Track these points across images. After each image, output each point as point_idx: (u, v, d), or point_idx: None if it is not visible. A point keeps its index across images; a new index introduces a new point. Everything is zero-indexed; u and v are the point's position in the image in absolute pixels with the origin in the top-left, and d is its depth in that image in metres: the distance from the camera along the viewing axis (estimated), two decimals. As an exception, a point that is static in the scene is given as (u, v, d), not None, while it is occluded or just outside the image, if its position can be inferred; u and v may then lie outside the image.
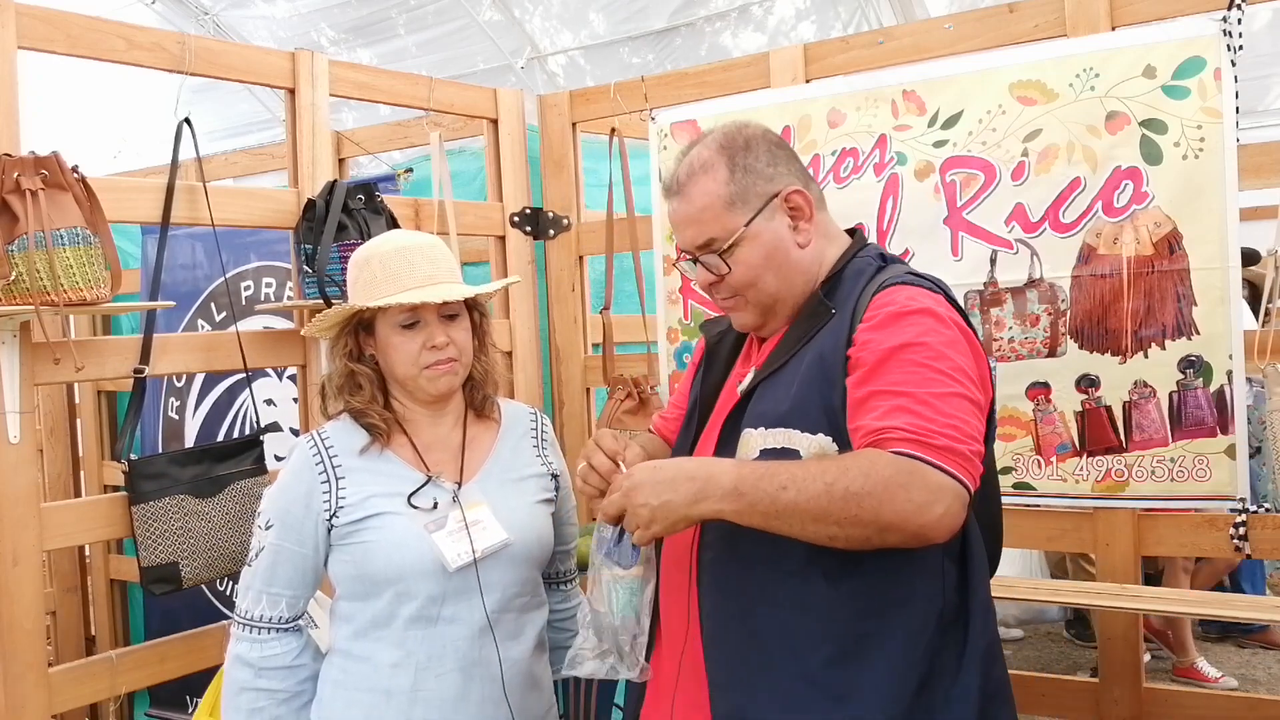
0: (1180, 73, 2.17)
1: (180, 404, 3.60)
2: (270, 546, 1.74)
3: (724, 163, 1.52)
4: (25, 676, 2.16)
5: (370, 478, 1.76)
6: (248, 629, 1.75)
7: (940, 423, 1.29)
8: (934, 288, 1.47)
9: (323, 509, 1.74)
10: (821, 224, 1.58)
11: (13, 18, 2.15)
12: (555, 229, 3.15)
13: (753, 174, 1.52)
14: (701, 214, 1.52)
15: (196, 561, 2.36)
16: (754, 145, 1.54)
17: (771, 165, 1.53)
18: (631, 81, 2.96)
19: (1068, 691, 2.50)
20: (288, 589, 1.75)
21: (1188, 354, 2.19)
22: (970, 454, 1.30)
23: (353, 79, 2.85)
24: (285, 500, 1.76)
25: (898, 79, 2.49)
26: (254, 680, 1.74)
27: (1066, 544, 2.47)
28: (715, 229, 1.52)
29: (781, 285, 1.53)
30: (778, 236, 1.52)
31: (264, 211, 2.61)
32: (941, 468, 1.26)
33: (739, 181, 1.51)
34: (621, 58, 6.69)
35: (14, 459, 2.15)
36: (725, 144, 1.54)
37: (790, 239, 1.53)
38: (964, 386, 1.34)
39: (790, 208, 1.53)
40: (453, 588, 1.72)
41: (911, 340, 1.36)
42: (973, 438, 1.31)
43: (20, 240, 2.04)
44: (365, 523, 1.73)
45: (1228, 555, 2.22)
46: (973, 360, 1.40)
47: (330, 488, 1.74)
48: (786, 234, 1.53)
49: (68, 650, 3.83)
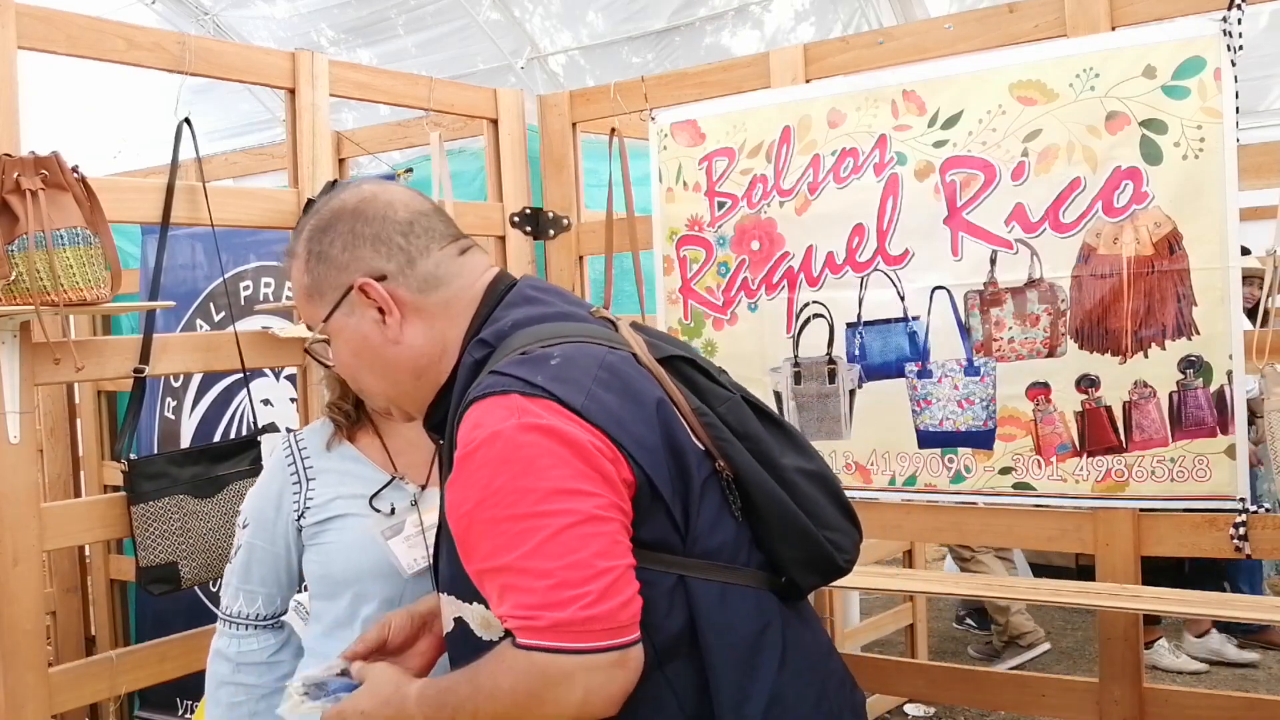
0: (1180, 73, 2.17)
1: (177, 404, 3.60)
2: (246, 545, 1.78)
3: (304, 248, 1.35)
4: (25, 676, 2.16)
5: (338, 479, 1.78)
6: (227, 624, 1.80)
7: (541, 592, 1.09)
8: (506, 386, 1.16)
9: (292, 509, 1.77)
10: (431, 307, 1.32)
11: (13, 18, 2.15)
12: (555, 229, 3.15)
13: (325, 262, 1.33)
14: (297, 299, 1.38)
15: (195, 561, 2.36)
16: (334, 228, 1.33)
17: (347, 251, 1.31)
18: (631, 81, 2.96)
19: (1068, 691, 2.50)
20: (262, 586, 1.78)
21: (1188, 354, 2.19)
22: (588, 607, 1.09)
23: (353, 79, 2.85)
24: (260, 500, 1.80)
25: (898, 79, 2.49)
26: (232, 675, 1.78)
27: (1066, 544, 2.47)
28: (308, 316, 1.37)
29: (388, 385, 1.36)
30: (361, 334, 1.32)
31: (264, 211, 2.61)
32: (560, 649, 1.09)
33: (313, 272, 1.34)
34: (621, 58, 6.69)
35: (14, 459, 2.15)
36: (315, 225, 1.35)
37: (380, 335, 1.31)
38: (561, 515, 1.10)
39: (370, 300, 1.30)
40: (410, 591, 1.74)
41: (482, 495, 1.13)
42: (590, 577, 1.09)
43: (20, 240, 2.04)
44: (329, 524, 1.75)
45: (1228, 555, 2.22)
46: (574, 455, 1.12)
47: (300, 488, 1.77)
48: (374, 330, 1.31)
49: (68, 650, 3.82)
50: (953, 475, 2.46)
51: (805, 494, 1.29)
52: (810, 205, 2.60)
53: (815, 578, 1.30)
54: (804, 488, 1.29)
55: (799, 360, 2.65)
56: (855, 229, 2.54)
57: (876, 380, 2.54)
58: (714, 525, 1.23)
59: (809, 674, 1.27)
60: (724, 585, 1.22)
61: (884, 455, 2.55)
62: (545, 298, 1.34)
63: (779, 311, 2.67)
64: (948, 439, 2.46)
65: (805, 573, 1.28)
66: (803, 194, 2.61)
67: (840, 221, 2.56)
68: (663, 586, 1.19)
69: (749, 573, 1.25)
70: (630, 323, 1.36)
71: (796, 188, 2.62)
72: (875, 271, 2.53)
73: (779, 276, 2.66)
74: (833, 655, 1.38)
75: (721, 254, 2.75)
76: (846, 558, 1.31)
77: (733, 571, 1.23)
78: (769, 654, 1.22)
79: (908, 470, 2.52)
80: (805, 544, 1.26)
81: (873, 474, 2.56)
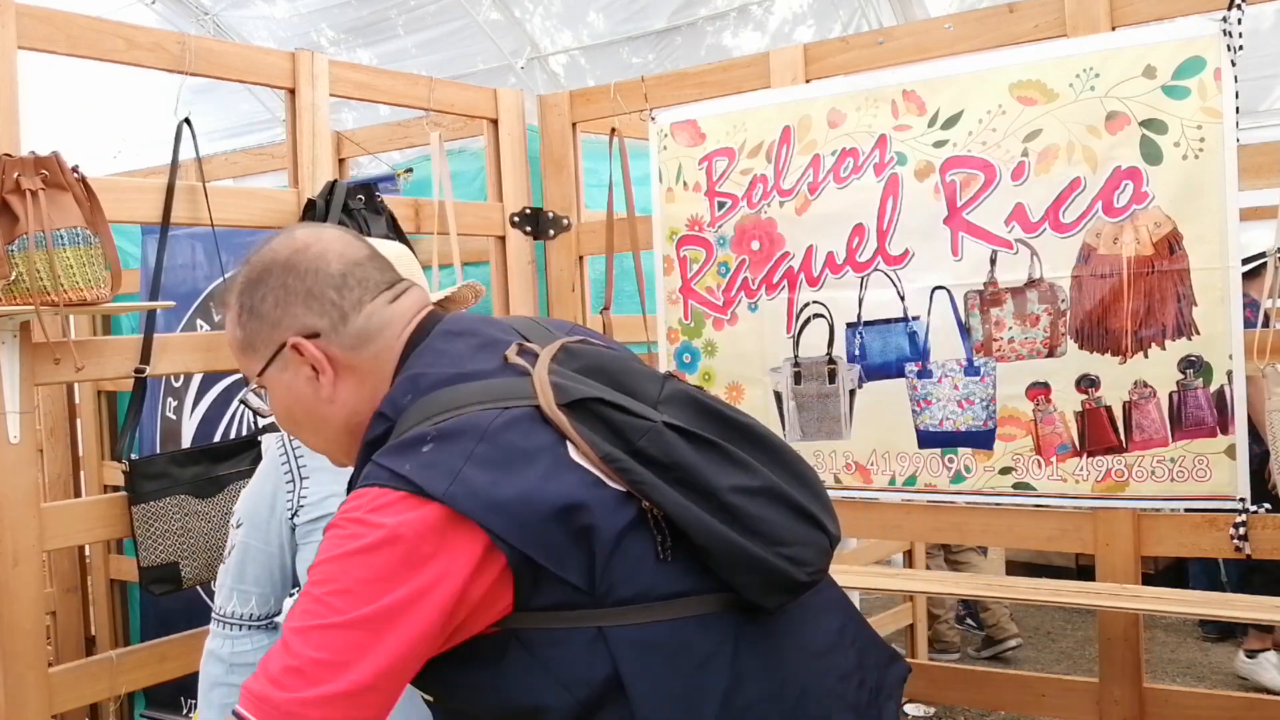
0: (1180, 73, 2.17)
1: (178, 404, 3.60)
2: (239, 545, 1.79)
3: (236, 303, 1.32)
4: (25, 676, 2.16)
5: (331, 477, 1.77)
6: (221, 624, 1.79)
7: (274, 670, 1.08)
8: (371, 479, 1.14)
9: (285, 508, 1.77)
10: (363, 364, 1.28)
11: (13, 18, 2.15)
12: (555, 229, 3.15)
13: (258, 318, 1.29)
14: (232, 352, 1.36)
15: (196, 561, 2.36)
16: (265, 282, 1.29)
17: (279, 308, 1.28)
18: (631, 81, 2.96)
19: (1068, 691, 2.50)
20: (256, 586, 1.79)
21: (1188, 354, 2.19)
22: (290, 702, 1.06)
23: (353, 79, 2.85)
24: (253, 500, 1.80)
25: (898, 79, 2.49)
26: (225, 675, 1.77)
27: (1066, 544, 2.48)
28: (243, 368, 1.35)
29: (322, 440, 1.33)
30: (295, 391, 1.29)
31: (264, 211, 2.61)
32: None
33: (246, 326, 1.31)
34: (621, 58, 6.68)
35: (14, 459, 2.15)
36: (246, 278, 1.31)
37: (313, 393, 1.28)
38: (349, 612, 1.08)
39: (303, 357, 1.27)
40: None
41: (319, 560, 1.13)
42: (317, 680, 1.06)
43: (20, 240, 2.04)
44: (322, 522, 1.74)
45: (1228, 555, 2.22)
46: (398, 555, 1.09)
47: (294, 487, 1.78)
48: (306, 388, 1.28)
49: (68, 650, 3.82)
50: (953, 475, 2.46)
51: (750, 514, 1.21)
52: (810, 205, 2.60)
53: (778, 597, 1.23)
54: (748, 508, 1.21)
55: (799, 360, 2.65)
56: (855, 229, 2.54)
57: (876, 380, 2.55)
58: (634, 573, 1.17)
59: (778, 691, 1.22)
60: (653, 625, 1.16)
61: (884, 455, 2.55)
62: (453, 347, 1.28)
63: (779, 311, 2.67)
64: (948, 439, 2.46)
65: (766, 595, 1.22)
66: (803, 194, 2.61)
67: (840, 221, 2.56)
68: (580, 641, 1.15)
69: (697, 600, 1.20)
70: (560, 347, 1.29)
71: (796, 188, 2.62)
72: (875, 271, 2.53)
73: (779, 276, 2.66)
74: (834, 652, 1.30)
75: (721, 254, 2.76)
76: (810, 570, 1.23)
77: (669, 606, 1.18)
78: (711, 689, 1.17)
79: (908, 470, 2.52)
80: (756, 569, 1.20)
81: (873, 474, 2.57)
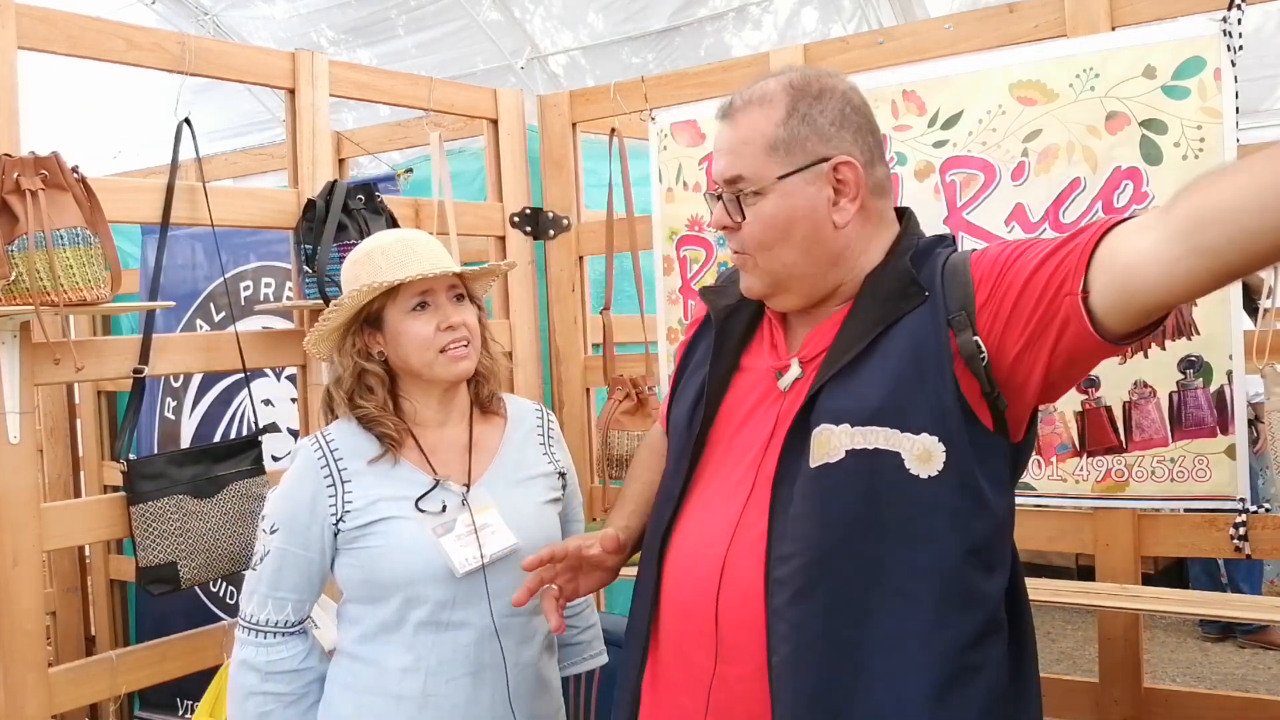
0: (1180, 73, 2.17)
1: (177, 404, 3.60)
2: (276, 550, 1.72)
3: (785, 103, 1.36)
4: (25, 677, 2.16)
5: (376, 480, 1.74)
6: (253, 633, 1.74)
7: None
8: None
9: (329, 513, 1.72)
10: (875, 211, 1.39)
11: (13, 18, 2.15)
12: (555, 229, 3.15)
13: (810, 125, 1.34)
14: (740, 146, 1.38)
15: (195, 562, 2.36)
16: (825, 99, 1.36)
17: (835, 125, 1.35)
18: (631, 82, 2.96)
19: (1068, 691, 2.50)
20: (294, 593, 1.74)
21: (1188, 354, 2.19)
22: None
23: (353, 79, 2.85)
24: (291, 504, 1.74)
25: (897, 79, 2.49)
26: (261, 684, 1.72)
27: (1066, 544, 2.47)
28: (746, 167, 1.36)
29: (800, 261, 1.37)
30: (810, 205, 1.34)
31: (264, 211, 2.61)
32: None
33: (791, 128, 1.35)
34: (621, 58, 6.68)
35: (14, 459, 2.15)
36: (796, 85, 1.37)
37: (826, 214, 1.35)
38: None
39: (837, 179, 1.34)
40: (461, 593, 1.71)
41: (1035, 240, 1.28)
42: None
43: (20, 240, 2.04)
44: (372, 527, 1.71)
45: (1228, 555, 2.22)
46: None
47: (336, 491, 1.72)
48: (823, 207, 1.34)
49: (68, 650, 3.82)
50: (953, 475, 2.45)
51: None
52: (810, 205, 2.60)
53: None
54: None
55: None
56: (855, 229, 2.54)
57: (876, 380, 2.54)
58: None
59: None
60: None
61: (884, 455, 2.54)
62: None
63: (779, 311, 2.66)
64: (948, 439, 2.45)
65: None
66: (803, 194, 2.61)
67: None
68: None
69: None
70: None
71: (796, 188, 2.61)
72: (875, 271, 2.52)
73: (779, 276, 2.66)
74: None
75: (722, 254, 2.75)
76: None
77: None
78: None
79: (908, 470, 2.51)
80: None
81: (873, 474, 2.56)
